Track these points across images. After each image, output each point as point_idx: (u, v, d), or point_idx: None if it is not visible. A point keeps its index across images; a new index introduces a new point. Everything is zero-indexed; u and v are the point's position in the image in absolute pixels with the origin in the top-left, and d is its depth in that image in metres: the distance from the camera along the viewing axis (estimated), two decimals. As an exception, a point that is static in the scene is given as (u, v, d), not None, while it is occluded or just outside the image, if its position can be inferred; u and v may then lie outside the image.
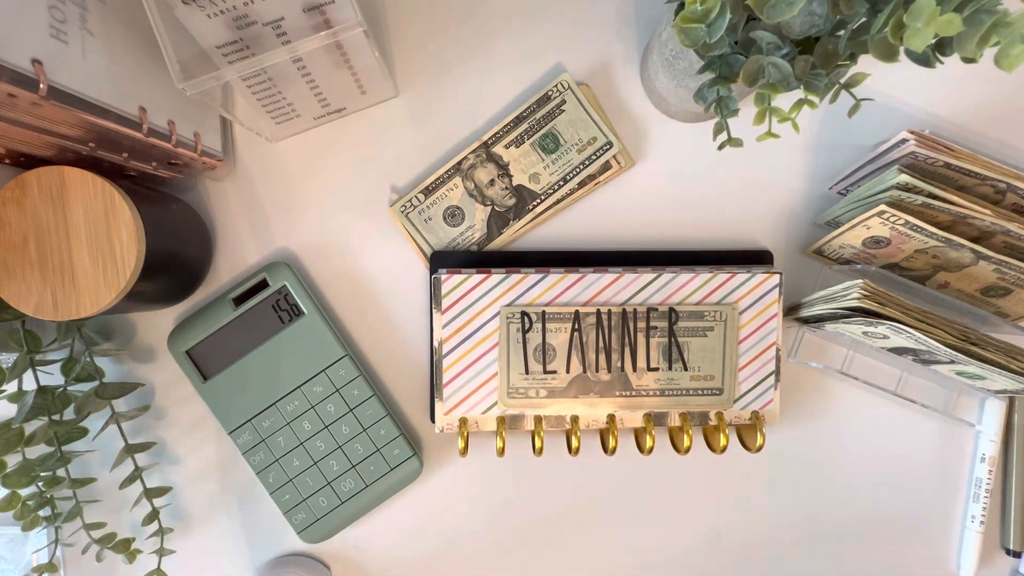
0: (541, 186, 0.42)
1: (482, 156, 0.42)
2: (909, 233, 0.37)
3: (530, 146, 0.42)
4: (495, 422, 0.40)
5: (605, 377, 0.40)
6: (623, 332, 0.40)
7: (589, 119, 0.42)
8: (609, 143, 0.42)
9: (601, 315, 0.39)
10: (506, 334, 0.39)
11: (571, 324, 0.39)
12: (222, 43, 0.34)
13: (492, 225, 0.43)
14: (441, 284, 0.39)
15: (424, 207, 0.42)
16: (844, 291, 0.37)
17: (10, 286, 0.32)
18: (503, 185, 0.42)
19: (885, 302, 0.36)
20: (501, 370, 0.39)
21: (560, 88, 0.42)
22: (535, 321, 0.39)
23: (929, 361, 0.40)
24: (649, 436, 0.39)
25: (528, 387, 0.39)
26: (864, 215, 0.37)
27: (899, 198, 0.36)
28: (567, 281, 0.39)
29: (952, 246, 0.37)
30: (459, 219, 0.42)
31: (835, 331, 0.40)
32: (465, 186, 0.42)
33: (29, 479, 0.38)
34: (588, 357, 0.40)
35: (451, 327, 0.40)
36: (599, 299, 0.40)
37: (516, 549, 0.44)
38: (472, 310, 0.39)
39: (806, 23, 0.29)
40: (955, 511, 0.45)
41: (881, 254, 0.40)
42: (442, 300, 0.39)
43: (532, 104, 0.42)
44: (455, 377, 0.40)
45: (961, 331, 0.36)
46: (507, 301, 0.39)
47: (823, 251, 0.42)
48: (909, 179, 0.36)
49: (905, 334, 0.36)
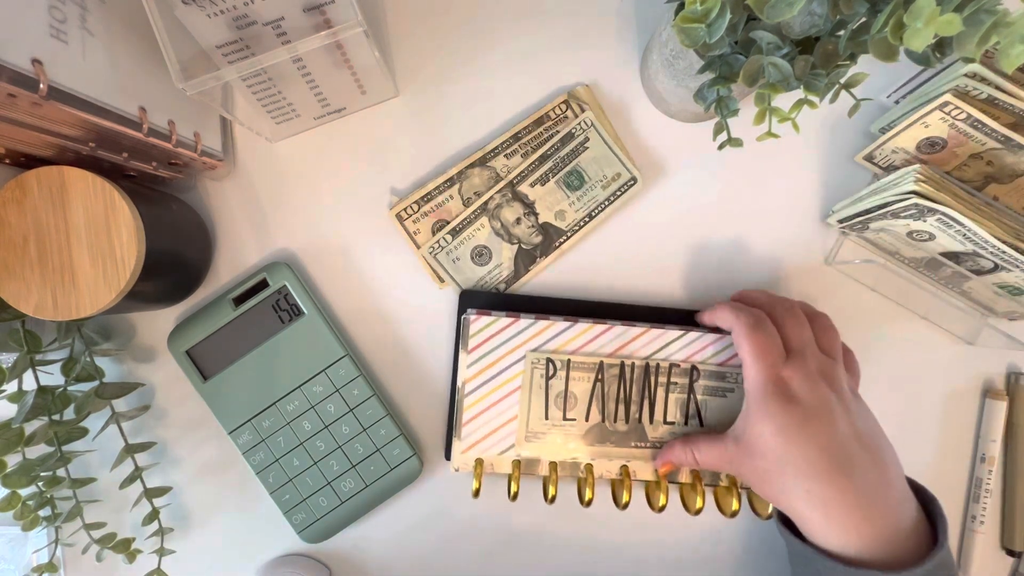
0: (567, 223, 0.43)
1: (508, 195, 0.42)
2: (968, 131, 0.36)
3: (555, 184, 0.43)
4: (511, 465, 0.40)
5: (622, 428, 0.40)
6: (644, 385, 0.40)
7: (613, 155, 0.42)
8: (634, 179, 0.43)
9: (625, 367, 0.40)
10: (530, 378, 0.39)
11: (595, 374, 0.40)
12: (222, 43, 0.34)
13: (519, 263, 0.43)
14: (469, 324, 0.39)
15: (452, 247, 0.43)
16: (899, 177, 0.37)
17: (10, 286, 0.32)
18: (529, 223, 0.43)
19: (940, 188, 0.35)
20: (521, 413, 0.40)
21: (584, 125, 0.42)
22: (559, 368, 0.39)
23: (970, 272, 0.39)
24: (663, 494, 0.39)
25: (546, 432, 0.40)
26: (926, 108, 0.36)
27: (965, 88, 0.36)
28: (594, 332, 0.40)
29: (1011, 148, 0.36)
30: (487, 258, 0.43)
31: (878, 231, 0.40)
32: (492, 225, 0.43)
33: (29, 479, 0.38)
34: (608, 407, 0.40)
35: (475, 367, 0.40)
36: (624, 351, 0.40)
37: (516, 549, 0.44)
38: (497, 352, 0.40)
39: (806, 23, 0.29)
40: (955, 511, 0.45)
41: (934, 160, 0.39)
42: (469, 340, 0.39)
43: (556, 143, 0.42)
44: (475, 416, 0.40)
45: (1013, 228, 0.35)
46: (533, 346, 0.39)
47: (873, 157, 0.42)
48: (980, 68, 0.35)
49: (955, 228, 0.35)
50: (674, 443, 0.39)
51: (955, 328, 0.44)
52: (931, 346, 0.45)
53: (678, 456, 0.38)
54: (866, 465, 0.32)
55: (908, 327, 0.44)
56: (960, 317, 0.43)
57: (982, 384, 0.45)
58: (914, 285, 0.43)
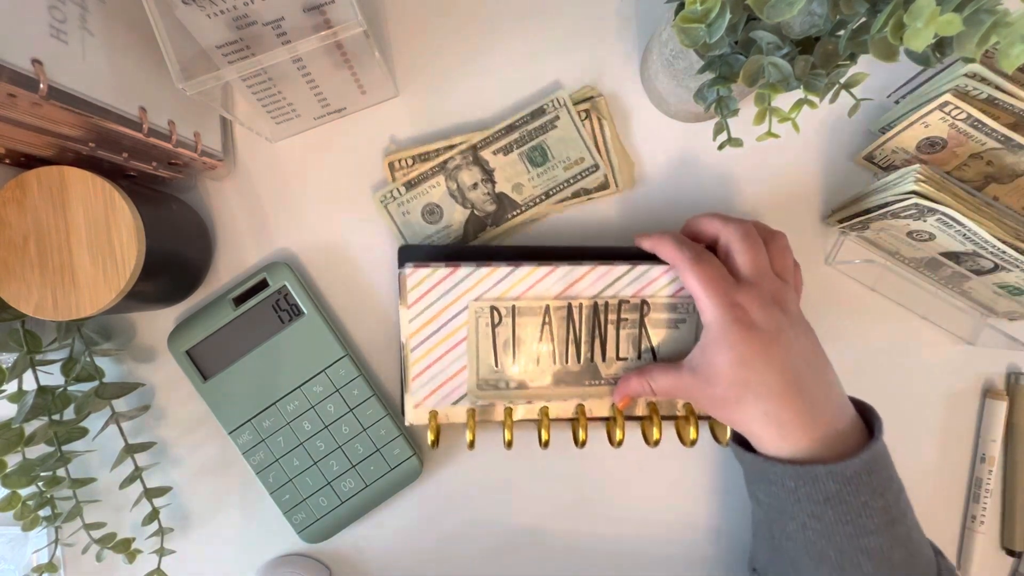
0: (523, 197, 0.43)
1: (469, 158, 0.42)
2: (968, 131, 0.36)
3: (518, 156, 0.42)
4: (465, 414, 0.39)
5: (575, 368, 0.39)
6: (594, 324, 0.39)
7: (579, 139, 0.42)
8: (595, 165, 0.42)
9: (572, 308, 0.39)
10: (475, 328, 0.39)
11: (542, 318, 0.39)
12: (222, 43, 0.34)
13: (469, 228, 0.43)
14: (407, 279, 0.38)
15: (404, 200, 0.42)
16: (899, 177, 0.37)
17: (10, 286, 0.32)
18: (486, 190, 0.42)
19: (940, 188, 0.35)
20: (470, 364, 0.39)
21: (556, 104, 0.42)
22: (505, 315, 0.39)
23: (970, 272, 0.39)
24: (619, 428, 0.39)
25: (498, 379, 0.39)
26: (926, 108, 0.36)
27: (965, 88, 0.36)
28: (538, 274, 0.39)
29: (1011, 148, 0.36)
30: (437, 217, 0.42)
31: (878, 231, 0.40)
32: (448, 185, 0.42)
33: (29, 479, 0.38)
34: (558, 349, 0.39)
35: (418, 322, 0.39)
36: (570, 293, 0.39)
37: (516, 549, 0.44)
38: (439, 304, 0.39)
39: (806, 23, 0.29)
40: (955, 511, 0.45)
41: (934, 160, 0.39)
42: (408, 295, 0.38)
43: (526, 115, 0.42)
44: (423, 371, 0.39)
45: (1013, 228, 0.35)
46: (476, 295, 0.39)
47: (873, 157, 0.42)
48: (979, 68, 0.35)
49: (955, 228, 0.35)
50: (629, 376, 0.38)
51: (955, 328, 0.44)
52: (931, 346, 0.45)
53: (634, 388, 0.38)
54: (813, 380, 0.34)
55: (908, 327, 0.44)
56: (960, 317, 0.43)
57: (982, 384, 0.45)
58: (914, 285, 0.43)
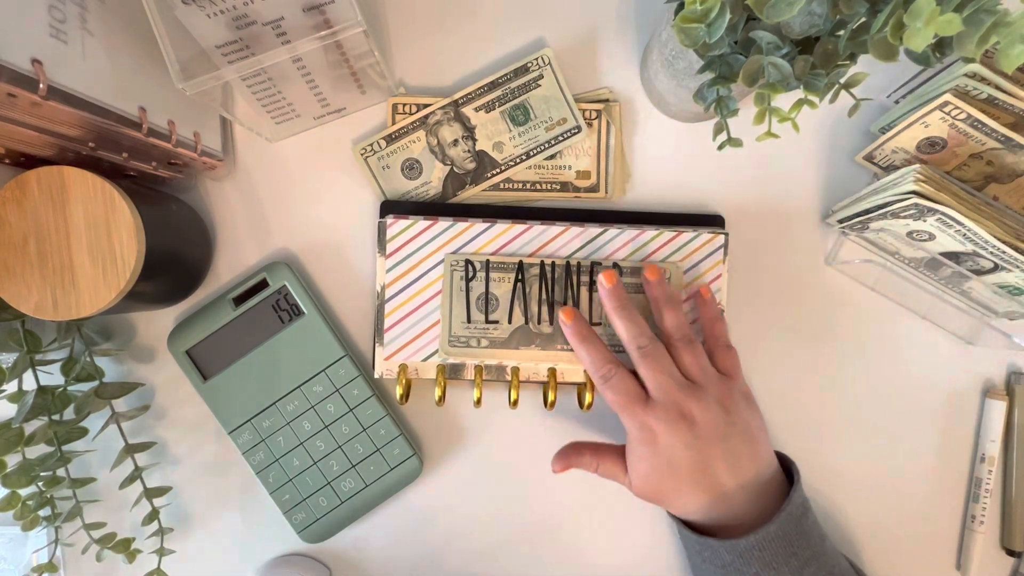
0: (503, 156, 0.42)
1: (450, 114, 0.42)
2: (968, 131, 0.36)
3: (500, 114, 0.42)
4: (435, 370, 0.39)
5: (547, 330, 0.39)
6: (566, 285, 0.39)
7: (563, 99, 0.42)
8: (578, 127, 0.42)
9: (545, 267, 0.39)
10: (449, 282, 0.39)
11: (515, 275, 0.39)
12: (222, 43, 0.34)
13: (448, 185, 0.42)
14: (386, 228, 0.39)
15: (384, 154, 0.42)
16: (899, 177, 0.37)
17: (10, 286, 0.32)
18: (466, 147, 0.42)
19: (940, 188, 0.35)
20: (443, 318, 0.39)
21: (540, 62, 0.42)
22: (479, 270, 0.39)
23: (970, 272, 0.39)
24: (589, 392, 0.39)
25: (470, 336, 0.39)
26: (926, 108, 0.36)
27: (965, 88, 0.36)
28: (513, 232, 0.39)
29: (1011, 147, 0.36)
30: (416, 172, 0.42)
31: (878, 231, 0.40)
32: (428, 141, 0.42)
33: (29, 479, 0.38)
34: (531, 308, 0.39)
35: (395, 272, 0.39)
36: (544, 251, 0.40)
37: (516, 549, 0.44)
38: (416, 256, 0.39)
39: (806, 23, 0.29)
40: (955, 511, 0.45)
41: (934, 160, 0.39)
42: (386, 244, 0.39)
43: (509, 73, 0.42)
44: (397, 323, 0.39)
45: (1013, 228, 0.35)
46: (452, 249, 0.39)
47: (873, 157, 0.42)
48: (979, 68, 0.35)
49: (954, 228, 0.35)
50: (583, 450, 0.38)
51: (955, 328, 0.44)
52: (931, 346, 0.45)
53: (585, 463, 0.38)
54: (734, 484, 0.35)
55: (908, 327, 0.44)
56: (960, 317, 0.43)
57: (982, 384, 0.45)
58: (914, 285, 0.43)
